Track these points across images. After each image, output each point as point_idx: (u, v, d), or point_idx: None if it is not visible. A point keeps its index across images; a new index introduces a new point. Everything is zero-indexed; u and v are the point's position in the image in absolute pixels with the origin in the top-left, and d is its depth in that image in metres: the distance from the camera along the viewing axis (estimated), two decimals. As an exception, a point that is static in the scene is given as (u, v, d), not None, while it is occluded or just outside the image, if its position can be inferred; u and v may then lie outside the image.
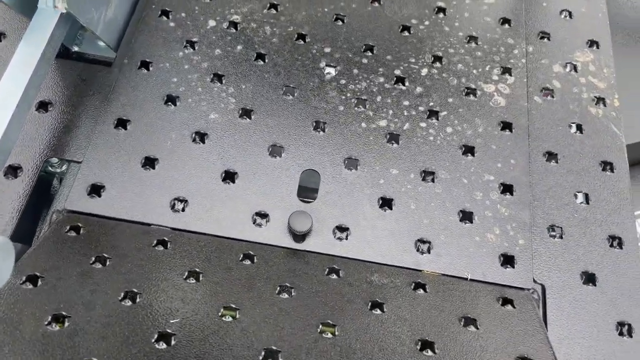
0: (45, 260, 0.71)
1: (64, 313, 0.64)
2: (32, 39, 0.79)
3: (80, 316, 0.64)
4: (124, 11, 0.95)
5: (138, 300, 0.67)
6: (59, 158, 0.84)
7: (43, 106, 0.87)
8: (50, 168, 0.86)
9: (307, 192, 0.85)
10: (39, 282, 0.68)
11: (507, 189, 0.85)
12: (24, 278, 0.68)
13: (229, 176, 0.84)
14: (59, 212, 0.80)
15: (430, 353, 0.67)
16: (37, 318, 0.63)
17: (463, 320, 0.72)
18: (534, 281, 0.79)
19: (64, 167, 0.85)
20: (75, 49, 0.95)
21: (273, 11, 0.99)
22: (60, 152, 0.84)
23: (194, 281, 0.71)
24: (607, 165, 0.89)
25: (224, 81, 0.91)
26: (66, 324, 0.63)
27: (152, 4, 0.97)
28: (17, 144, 0.83)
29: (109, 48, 0.93)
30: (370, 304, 0.72)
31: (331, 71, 0.94)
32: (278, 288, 0.72)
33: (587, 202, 0.86)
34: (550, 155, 0.89)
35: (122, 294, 0.68)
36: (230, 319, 0.67)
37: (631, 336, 0.76)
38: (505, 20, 1.01)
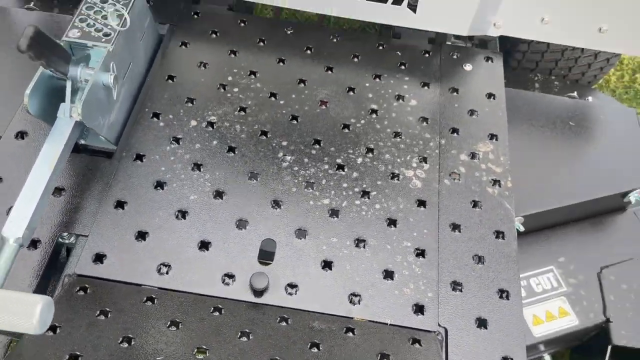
0: (61, 313, 0.93)
1: (77, 353, 0.86)
2: (52, 142, 1.03)
3: (89, 356, 0.86)
4: (122, 115, 1.20)
5: (133, 343, 0.89)
6: (69, 232, 1.07)
7: (57, 191, 1.11)
8: (61, 240, 1.08)
9: (265, 255, 1.08)
10: (57, 330, 0.90)
11: (420, 253, 1.10)
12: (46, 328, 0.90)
13: (204, 245, 1.07)
14: (70, 276, 1.02)
15: (353, 381, 0.90)
16: (57, 357, 0.85)
17: (380, 355, 0.95)
18: (439, 325, 1.03)
19: (73, 239, 1.08)
20: (82, 142, 1.19)
21: (242, 113, 1.25)
22: (71, 228, 1.07)
23: (174, 329, 0.94)
24: (499, 234, 1.15)
25: (202, 169, 1.16)
26: (79, 361, 0.85)
27: (145, 107, 1.23)
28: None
29: (110, 142, 1.18)
30: (310, 344, 0.95)
31: (287, 160, 1.20)
32: (239, 333, 0.95)
33: (483, 263, 1.11)
34: (455, 226, 1.15)
35: (121, 339, 0.90)
36: (202, 357, 0.89)
37: (513, 368, 1.00)
38: (424, 119, 1.29)
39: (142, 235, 1.07)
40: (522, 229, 1.27)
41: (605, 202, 1.40)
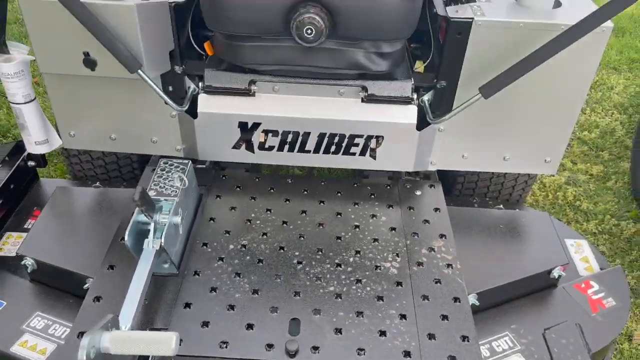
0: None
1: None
2: (142, 266, 1.51)
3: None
4: (181, 246, 1.71)
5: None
6: (151, 328, 1.50)
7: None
8: (144, 336, 1.50)
9: (294, 329, 1.50)
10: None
11: (403, 316, 1.55)
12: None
13: (250, 326, 1.50)
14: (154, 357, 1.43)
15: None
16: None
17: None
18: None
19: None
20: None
21: (264, 236, 1.77)
22: (153, 324, 1.50)
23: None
24: (456, 299, 1.61)
25: (241, 276, 1.64)
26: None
27: (197, 240, 1.74)
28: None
29: (173, 266, 1.66)
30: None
31: (300, 264, 1.69)
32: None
33: (447, 320, 1.55)
34: (425, 297, 1.61)
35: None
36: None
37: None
38: (393, 229, 1.83)
39: (205, 324, 1.50)
40: (477, 303, 1.73)
41: (536, 279, 1.88)
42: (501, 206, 2.21)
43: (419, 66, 2.20)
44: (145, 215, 1.54)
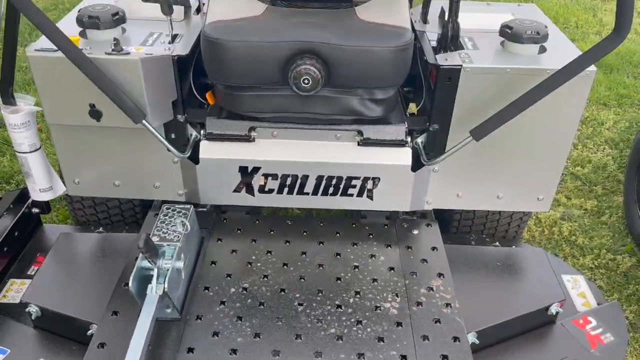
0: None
1: None
2: (146, 311, 1.54)
3: None
4: (183, 290, 1.73)
5: None
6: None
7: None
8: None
9: None
10: None
11: (403, 357, 1.56)
12: None
13: None
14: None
15: None
16: None
17: None
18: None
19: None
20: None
21: (265, 279, 1.80)
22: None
23: None
24: (456, 339, 1.63)
25: (243, 319, 1.66)
26: None
27: (198, 284, 1.77)
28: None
29: (175, 311, 1.68)
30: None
31: (301, 306, 1.71)
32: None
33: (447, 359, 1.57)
34: (425, 337, 1.63)
35: None
36: None
37: None
38: (391, 268, 1.86)
39: (207, 365, 1.52)
40: (477, 341, 1.75)
41: (534, 316, 1.90)
42: (497, 243, 2.25)
43: (413, 109, 2.28)
44: (148, 261, 1.57)
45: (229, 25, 1.76)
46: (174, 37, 1.86)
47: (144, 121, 1.71)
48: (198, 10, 2.12)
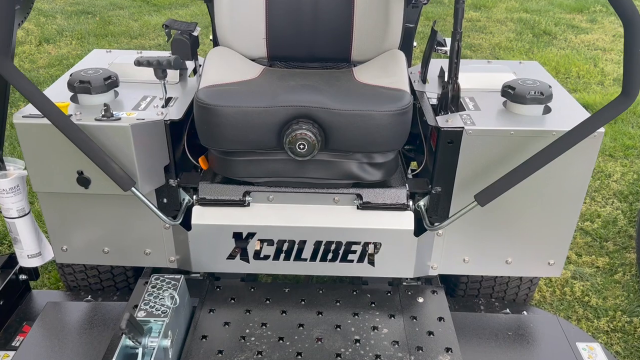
0: None
1: None
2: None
3: None
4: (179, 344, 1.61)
5: None
6: None
7: None
8: None
9: None
10: None
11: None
12: None
13: None
14: None
15: None
16: None
17: None
18: None
19: None
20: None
21: (259, 356, 1.68)
22: None
23: None
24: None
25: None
26: None
27: (195, 335, 1.65)
28: None
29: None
30: None
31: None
32: None
33: None
34: None
35: None
36: None
37: None
38: (395, 342, 1.74)
39: None
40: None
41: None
42: (507, 310, 2.13)
43: (415, 167, 2.21)
44: (132, 342, 1.47)
45: (222, 89, 1.71)
46: (167, 101, 1.82)
47: (133, 189, 1.64)
48: (195, 71, 2.09)
